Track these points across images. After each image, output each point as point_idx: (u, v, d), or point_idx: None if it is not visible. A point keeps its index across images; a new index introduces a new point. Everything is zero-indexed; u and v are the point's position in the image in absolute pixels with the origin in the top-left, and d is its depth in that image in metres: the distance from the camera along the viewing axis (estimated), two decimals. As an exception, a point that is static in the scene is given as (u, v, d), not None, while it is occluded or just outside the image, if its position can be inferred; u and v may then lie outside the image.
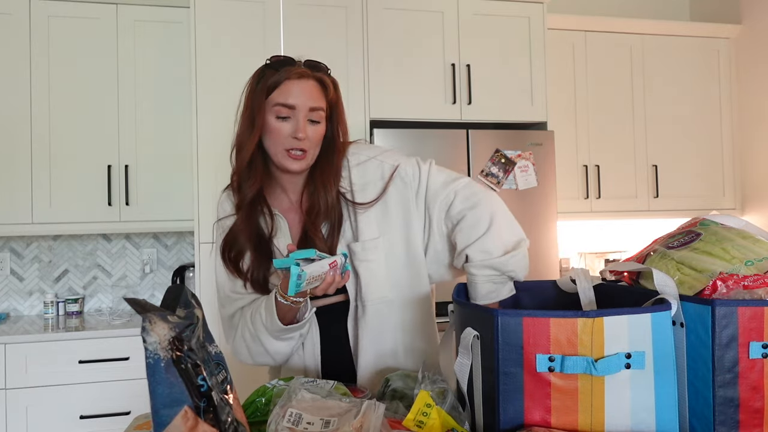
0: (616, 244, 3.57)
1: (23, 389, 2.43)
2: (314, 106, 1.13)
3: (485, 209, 1.17)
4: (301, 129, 1.12)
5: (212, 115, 2.52)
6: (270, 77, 1.13)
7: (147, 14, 2.84)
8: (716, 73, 3.43)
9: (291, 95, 1.12)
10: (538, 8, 2.90)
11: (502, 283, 1.14)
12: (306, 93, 1.13)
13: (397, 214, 1.21)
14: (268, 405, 0.91)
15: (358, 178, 1.21)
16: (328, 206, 1.17)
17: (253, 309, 1.17)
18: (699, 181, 3.38)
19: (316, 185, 1.18)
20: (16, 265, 2.98)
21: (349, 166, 1.22)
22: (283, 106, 1.12)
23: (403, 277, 1.22)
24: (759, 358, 0.80)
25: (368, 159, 1.23)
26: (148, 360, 0.63)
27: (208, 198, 2.50)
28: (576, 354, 0.76)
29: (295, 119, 1.13)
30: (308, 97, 1.13)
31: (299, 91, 1.12)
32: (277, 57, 1.17)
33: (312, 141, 1.14)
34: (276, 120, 1.13)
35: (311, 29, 2.64)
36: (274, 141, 1.14)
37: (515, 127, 2.94)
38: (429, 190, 1.21)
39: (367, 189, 1.21)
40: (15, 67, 2.72)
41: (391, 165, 1.22)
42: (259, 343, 1.16)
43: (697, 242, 0.96)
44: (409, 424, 0.80)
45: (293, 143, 1.13)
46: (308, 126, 1.13)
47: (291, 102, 1.12)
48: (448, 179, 1.22)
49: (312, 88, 1.14)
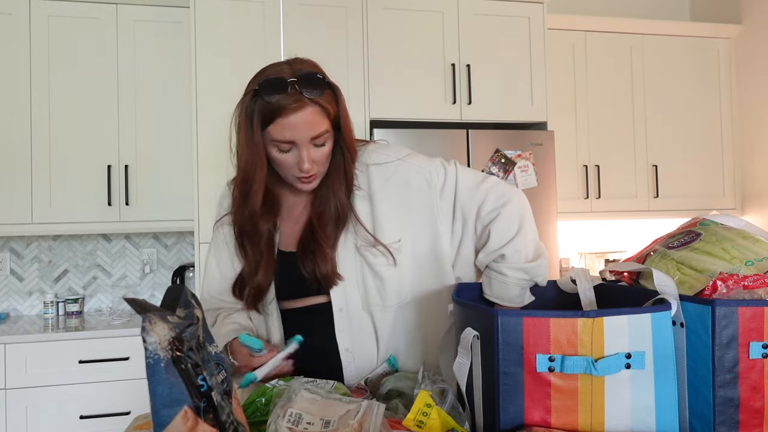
0: (616, 244, 3.57)
1: (23, 389, 2.43)
2: (315, 134, 1.06)
3: (515, 210, 1.15)
4: (305, 161, 1.07)
5: (212, 115, 2.52)
6: (262, 110, 1.04)
7: (147, 14, 2.84)
8: (716, 73, 3.43)
9: (287, 130, 1.04)
10: (538, 8, 2.90)
11: (526, 288, 1.14)
12: (304, 123, 1.04)
13: (422, 216, 1.17)
14: (268, 405, 0.91)
15: (377, 178, 1.17)
16: (338, 213, 1.14)
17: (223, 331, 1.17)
18: (699, 181, 3.38)
19: (327, 194, 1.15)
20: (16, 265, 2.98)
21: (368, 166, 1.18)
22: (280, 142, 1.06)
23: (426, 278, 1.19)
24: (759, 358, 0.80)
25: (390, 161, 1.18)
26: (148, 360, 0.63)
27: (208, 198, 2.50)
28: (576, 354, 0.76)
29: (297, 150, 1.07)
30: (307, 127, 1.05)
31: (297, 123, 1.04)
32: (266, 81, 1.05)
33: (319, 163, 1.10)
34: (278, 153, 1.08)
35: (311, 29, 2.64)
36: (281, 169, 1.12)
37: (515, 127, 2.94)
38: (459, 191, 1.17)
39: (388, 189, 1.17)
40: (15, 67, 2.72)
41: (416, 166, 1.18)
42: None
43: (697, 242, 0.96)
44: (409, 424, 0.80)
45: (300, 172, 1.09)
46: (313, 150, 1.08)
47: (288, 137, 1.05)
48: (477, 179, 1.19)
49: (310, 115, 1.04)
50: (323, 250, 1.13)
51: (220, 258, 1.25)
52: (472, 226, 1.18)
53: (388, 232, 1.15)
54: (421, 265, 1.18)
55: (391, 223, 1.16)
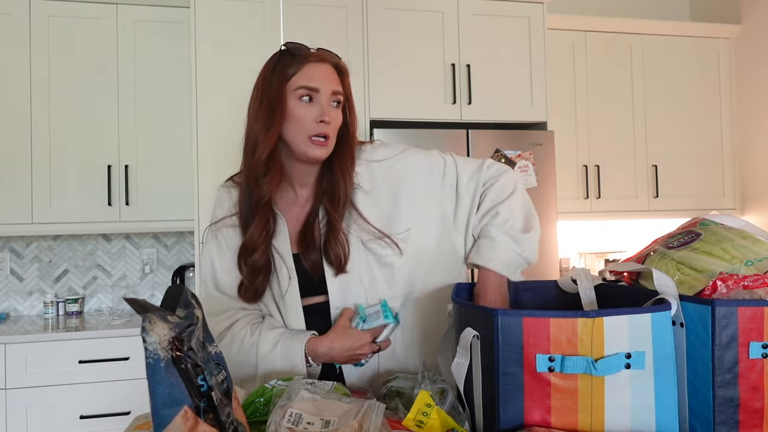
0: (616, 244, 3.57)
1: (23, 389, 2.43)
2: (336, 89, 1.12)
3: (511, 178, 1.20)
4: (327, 112, 1.10)
5: (212, 115, 2.52)
6: (288, 63, 1.11)
7: (147, 14, 2.84)
8: (716, 73, 3.43)
9: (314, 78, 1.10)
10: (538, 8, 2.90)
11: (516, 262, 1.13)
12: (328, 75, 1.12)
13: (427, 207, 1.19)
14: (267, 405, 0.91)
15: (379, 173, 1.19)
16: (347, 196, 1.15)
17: (261, 344, 1.12)
18: (699, 181, 3.38)
19: (335, 175, 1.15)
20: (16, 265, 2.98)
21: (369, 162, 1.19)
22: (306, 89, 1.10)
23: (437, 268, 1.19)
24: (759, 358, 0.80)
25: (389, 156, 1.20)
26: (148, 360, 0.63)
27: (208, 198, 2.50)
28: (576, 354, 0.76)
29: (318, 102, 1.10)
30: (330, 79, 1.12)
31: (322, 73, 1.11)
32: (291, 43, 1.14)
33: (334, 126, 1.13)
34: (299, 105, 1.10)
35: (311, 29, 2.64)
36: (296, 127, 1.11)
37: (515, 127, 2.94)
38: (460, 176, 1.20)
39: (391, 183, 1.18)
40: (15, 67, 2.72)
41: (415, 159, 1.21)
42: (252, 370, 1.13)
43: (697, 242, 0.96)
44: (409, 424, 0.80)
45: (318, 128, 1.10)
46: (332, 109, 1.12)
47: (314, 84, 1.10)
48: (476, 163, 1.23)
49: (331, 72, 1.13)
50: (337, 233, 1.13)
51: (223, 260, 1.21)
52: (476, 205, 1.20)
53: (394, 224, 1.16)
54: (430, 255, 1.19)
55: (396, 216, 1.17)
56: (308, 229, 1.17)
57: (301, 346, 1.10)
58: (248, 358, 1.13)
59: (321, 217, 1.16)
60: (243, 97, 1.11)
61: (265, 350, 1.11)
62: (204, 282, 1.23)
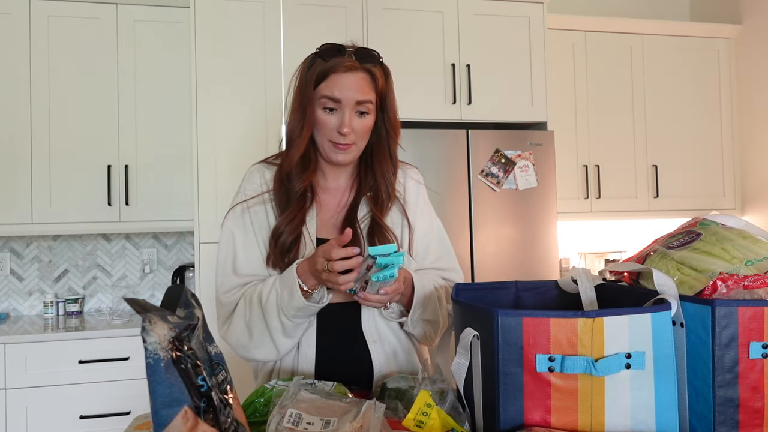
0: (616, 244, 3.57)
1: (23, 389, 2.43)
2: (361, 99, 1.13)
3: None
4: (346, 124, 1.11)
5: (212, 115, 2.52)
6: (318, 68, 1.13)
7: (147, 14, 2.84)
8: (716, 73, 3.43)
9: (337, 88, 1.11)
10: (538, 8, 2.90)
11: (423, 294, 1.17)
12: (353, 86, 1.12)
13: (428, 214, 1.30)
14: (267, 405, 0.91)
15: (412, 193, 1.30)
16: (389, 194, 1.20)
17: (263, 289, 1.13)
18: (699, 181, 3.38)
19: (375, 176, 1.20)
20: (16, 265, 2.98)
21: (407, 178, 1.30)
22: (328, 98, 1.12)
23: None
24: (759, 358, 0.80)
25: (420, 180, 1.32)
26: (148, 360, 0.63)
27: (208, 198, 2.50)
28: (576, 354, 0.76)
29: (341, 112, 1.12)
30: (355, 90, 1.12)
31: (346, 84, 1.12)
32: (327, 45, 1.15)
33: (358, 133, 1.15)
34: (323, 112, 1.13)
35: (311, 29, 2.64)
36: (321, 133, 1.15)
37: (515, 127, 2.94)
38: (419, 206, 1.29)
39: (419, 205, 1.29)
40: (15, 68, 2.72)
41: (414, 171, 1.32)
42: (263, 327, 1.12)
43: (697, 242, 0.96)
44: (409, 424, 0.80)
45: (338, 137, 1.13)
46: (355, 118, 1.13)
47: (336, 95, 1.11)
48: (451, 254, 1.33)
49: (360, 80, 1.13)
50: (383, 230, 1.17)
51: (247, 242, 1.20)
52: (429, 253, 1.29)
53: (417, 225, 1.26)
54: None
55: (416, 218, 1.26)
56: (349, 221, 1.19)
57: (292, 270, 1.10)
58: (256, 311, 1.13)
59: (366, 213, 1.21)
60: (243, 96, 1.11)
61: (266, 290, 1.13)
62: (223, 263, 1.21)
